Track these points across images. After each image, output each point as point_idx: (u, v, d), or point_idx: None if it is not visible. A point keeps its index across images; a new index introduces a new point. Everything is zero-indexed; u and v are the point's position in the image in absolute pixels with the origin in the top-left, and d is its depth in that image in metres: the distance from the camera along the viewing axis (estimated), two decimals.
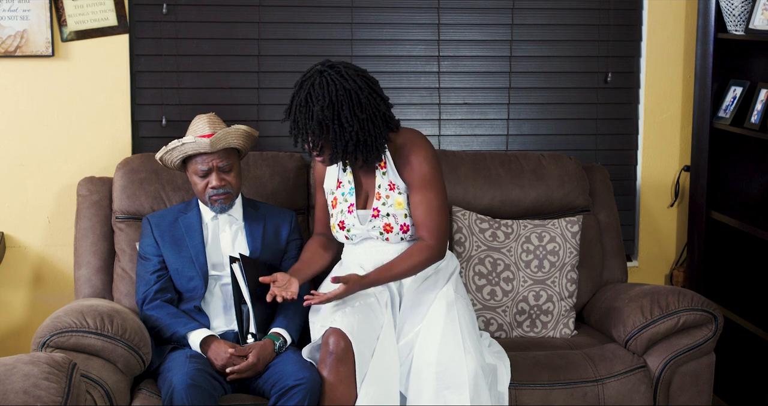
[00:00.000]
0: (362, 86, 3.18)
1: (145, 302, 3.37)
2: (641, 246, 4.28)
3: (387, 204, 3.30)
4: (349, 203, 3.34)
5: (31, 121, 3.86)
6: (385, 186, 3.31)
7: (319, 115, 3.13)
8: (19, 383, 2.58)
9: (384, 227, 3.29)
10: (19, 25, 3.76)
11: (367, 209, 3.34)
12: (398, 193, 3.31)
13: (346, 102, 3.15)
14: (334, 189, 3.40)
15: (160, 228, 3.46)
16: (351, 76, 3.17)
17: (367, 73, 3.24)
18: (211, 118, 3.43)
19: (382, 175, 3.32)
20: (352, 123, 3.15)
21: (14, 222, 3.89)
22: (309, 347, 3.22)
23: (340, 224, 3.34)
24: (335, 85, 3.14)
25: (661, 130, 4.23)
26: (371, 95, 3.20)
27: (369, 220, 3.31)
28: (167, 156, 3.41)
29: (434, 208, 3.28)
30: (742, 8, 3.83)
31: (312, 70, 3.21)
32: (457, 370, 3.08)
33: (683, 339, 3.45)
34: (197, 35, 3.95)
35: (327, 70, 3.18)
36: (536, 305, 3.68)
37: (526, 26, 4.13)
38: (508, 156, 3.95)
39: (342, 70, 3.17)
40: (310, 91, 3.16)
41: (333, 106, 3.14)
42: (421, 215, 3.28)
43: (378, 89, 3.24)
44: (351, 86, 3.16)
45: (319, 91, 3.14)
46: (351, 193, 3.35)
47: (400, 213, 3.30)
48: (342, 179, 3.38)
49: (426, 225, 3.27)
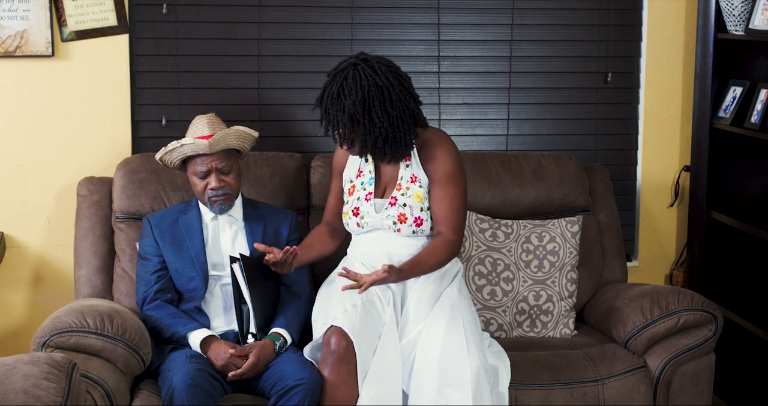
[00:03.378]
0: (394, 83, 3.23)
1: (145, 302, 3.37)
2: (641, 246, 4.28)
3: (406, 195, 3.33)
4: (367, 192, 3.37)
5: (31, 121, 3.86)
6: (407, 178, 3.34)
7: (351, 108, 3.19)
8: (19, 383, 2.58)
9: (399, 216, 3.31)
10: (19, 25, 3.76)
11: (385, 198, 3.36)
12: (419, 187, 3.33)
13: (378, 98, 3.20)
14: (354, 178, 3.42)
15: (161, 228, 3.46)
16: (384, 73, 3.22)
17: (400, 70, 3.30)
18: (210, 119, 3.43)
19: (406, 168, 3.35)
20: (383, 119, 3.20)
21: (14, 222, 3.89)
22: (310, 347, 3.22)
23: (355, 210, 3.36)
24: (368, 80, 3.20)
25: (661, 130, 4.23)
26: (402, 92, 3.25)
27: (385, 208, 3.33)
28: (167, 157, 3.41)
29: (456, 204, 3.31)
30: (742, 8, 3.83)
31: (346, 62, 3.26)
32: (460, 368, 3.08)
33: (683, 339, 3.45)
34: (197, 35, 3.95)
35: (361, 63, 3.23)
36: (536, 305, 3.68)
37: (526, 26, 4.13)
38: (508, 156, 3.95)
39: (375, 66, 3.23)
40: (342, 84, 3.21)
41: (365, 101, 3.19)
42: (444, 211, 3.31)
43: (409, 86, 3.29)
44: (383, 82, 3.21)
45: (352, 84, 3.20)
46: (371, 183, 3.38)
47: (416, 205, 3.31)
48: (363, 169, 3.41)
49: (447, 220, 3.30)
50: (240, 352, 3.20)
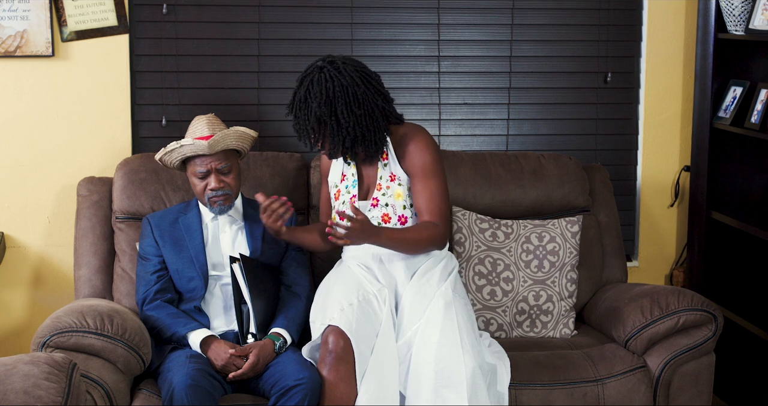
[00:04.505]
0: (358, 82, 3.22)
1: (146, 303, 3.37)
2: (641, 246, 4.28)
3: (387, 194, 3.32)
4: (351, 195, 3.36)
5: (31, 121, 3.86)
6: (386, 177, 3.34)
7: (317, 111, 3.19)
8: (19, 383, 2.58)
9: (382, 217, 3.31)
10: (19, 25, 3.76)
11: (367, 200, 3.35)
12: (398, 185, 3.33)
13: (342, 98, 3.20)
14: (338, 182, 3.42)
15: (160, 228, 3.46)
16: (348, 72, 3.21)
17: (367, 68, 3.28)
18: (210, 120, 3.43)
19: (384, 167, 3.35)
20: (349, 119, 3.20)
21: (14, 222, 3.89)
22: (309, 347, 3.22)
23: (341, 214, 3.36)
24: (332, 82, 3.20)
25: (661, 130, 4.23)
26: (368, 90, 3.24)
27: (368, 210, 3.32)
28: (166, 157, 3.41)
29: (436, 195, 3.30)
30: (742, 8, 3.83)
31: (312, 67, 3.26)
32: (455, 369, 3.08)
33: (683, 339, 3.44)
34: (197, 35, 3.95)
35: (326, 66, 3.23)
36: (536, 305, 3.68)
37: (526, 26, 4.13)
38: (508, 156, 3.95)
39: (340, 66, 3.22)
40: (309, 88, 3.22)
41: (330, 102, 3.19)
42: (424, 202, 3.30)
43: (376, 84, 3.27)
44: (347, 82, 3.20)
45: (317, 87, 3.20)
46: (354, 185, 3.37)
47: (398, 204, 3.31)
48: (346, 172, 3.41)
49: (429, 210, 3.29)
50: (240, 352, 3.20)
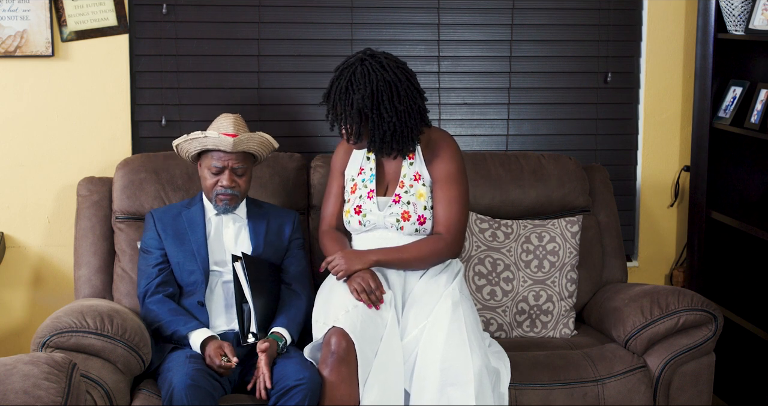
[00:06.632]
0: (402, 78, 3.26)
1: (147, 296, 3.37)
2: (641, 246, 4.28)
3: (409, 193, 3.34)
4: (369, 189, 3.37)
5: (31, 121, 3.86)
6: (411, 176, 3.36)
7: (359, 103, 3.21)
8: (19, 383, 2.58)
9: (402, 214, 3.32)
10: (19, 25, 3.76)
11: (387, 195, 3.37)
12: (422, 185, 3.35)
13: (386, 93, 3.23)
14: (355, 175, 3.43)
15: (163, 222, 3.46)
16: (392, 68, 3.25)
17: (406, 66, 3.33)
18: (237, 120, 3.45)
19: (409, 166, 3.37)
20: (391, 114, 3.23)
21: (14, 222, 3.88)
22: (310, 347, 3.22)
23: (357, 208, 3.36)
24: (376, 75, 3.23)
25: (661, 130, 4.23)
26: (410, 88, 3.28)
27: (388, 205, 3.33)
28: (185, 145, 3.41)
29: (454, 203, 3.34)
30: (742, 8, 3.83)
31: (353, 58, 3.29)
32: (463, 367, 3.08)
33: (683, 339, 3.45)
34: (197, 35, 3.95)
35: (368, 59, 3.26)
36: (536, 305, 3.68)
37: (526, 26, 4.13)
38: (508, 156, 3.95)
39: (383, 61, 3.26)
40: (351, 79, 3.24)
41: (373, 95, 3.22)
42: (441, 209, 3.33)
43: (416, 82, 3.32)
44: (391, 78, 3.24)
45: (361, 79, 3.22)
46: (371, 180, 3.38)
47: (420, 203, 3.33)
48: (364, 166, 3.43)
49: (444, 221, 3.32)
50: (231, 352, 3.16)
